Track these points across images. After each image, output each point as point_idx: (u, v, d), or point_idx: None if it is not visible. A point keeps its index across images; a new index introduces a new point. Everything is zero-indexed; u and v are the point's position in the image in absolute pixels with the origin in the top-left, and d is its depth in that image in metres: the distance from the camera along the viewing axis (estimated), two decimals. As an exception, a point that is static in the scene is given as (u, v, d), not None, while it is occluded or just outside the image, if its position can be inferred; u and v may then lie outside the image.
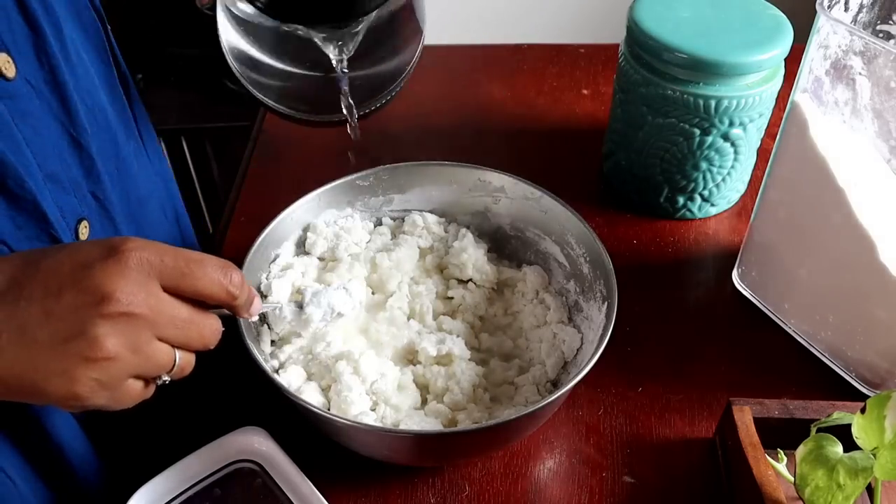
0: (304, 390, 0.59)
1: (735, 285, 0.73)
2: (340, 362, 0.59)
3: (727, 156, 0.74)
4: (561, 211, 0.65)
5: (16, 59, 0.49)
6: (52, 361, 0.41)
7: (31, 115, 0.50)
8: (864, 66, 0.56)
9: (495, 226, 0.71)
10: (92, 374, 0.42)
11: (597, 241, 0.62)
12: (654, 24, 0.71)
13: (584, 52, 1.02)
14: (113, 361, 0.42)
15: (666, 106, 0.72)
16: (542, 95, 0.95)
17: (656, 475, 0.60)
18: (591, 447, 0.62)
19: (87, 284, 0.42)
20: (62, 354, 0.41)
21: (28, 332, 0.41)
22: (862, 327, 0.63)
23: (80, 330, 0.41)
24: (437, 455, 0.59)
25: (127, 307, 0.42)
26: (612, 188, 0.83)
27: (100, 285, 0.42)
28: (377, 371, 0.59)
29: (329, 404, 0.59)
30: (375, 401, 0.59)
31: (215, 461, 0.54)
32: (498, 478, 0.60)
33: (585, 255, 0.63)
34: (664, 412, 0.64)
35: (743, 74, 0.69)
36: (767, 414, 0.58)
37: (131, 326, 0.43)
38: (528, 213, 0.68)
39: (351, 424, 0.54)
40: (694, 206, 0.79)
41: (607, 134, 0.83)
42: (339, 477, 0.59)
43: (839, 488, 0.49)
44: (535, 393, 0.61)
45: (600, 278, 0.61)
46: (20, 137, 0.49)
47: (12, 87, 0.49)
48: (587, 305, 0.63)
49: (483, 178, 0.68)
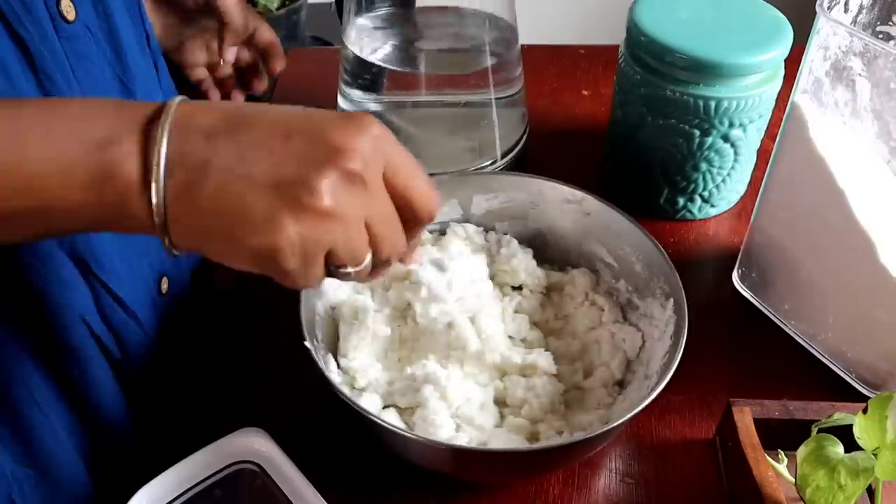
0: (385, 415, 0.58)
1: (735, 286, 0.73)
2: (426, 386, 0.58)
3: (727, 157, 0.74)
4: (607, 211, 0.65)
5: (76, 4, 0.51)
6: (263, 200, 0.38)
7: (86, 57, 0.52)
8: (864, 68, 0.56)
9: (534, 230, 0.70)
10: (299, 227, 0.39)
11: (650, 240, 0.62)
12: (654, 25, 0.71)
13: (584, 53, 1.02)
14: (323, 219, 0.39)
15: (666, 107, 0.72)
16: (542, 96, 0.95)
17: (656, 476, 0.60)
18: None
19: (321, 136, 0.39)
20: (275, 196, 0.38)
21: (244, 165, 0.38)
22: (862, 328, 0.63)
23: (302, 176, 0.38)
24: (524, 471, 0.58)
25: (359, 167, 0.39)
26: (612, 189, 0.83)
27: (336, 139, 0.39)
28: (463, 395, 0.58)
29: (412, 425, 0.57)
30: (459, 423, 0.58)
31: (215, 462, 0.54)
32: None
33: (638, 255, 0.63)
34: (664, 413, 0.64)
35: (743, 75, 0.69)
36: (768, 415, 0.58)
37: (352, 191, 0.40)
38: (568, 216, 0.68)
39: (444, 447, 0.54)
40: (694, 207, 0.79)
41: (607, 135, 0.83)
42: (339, 478, 0.59)
43: (840, 489, 0.49)
44: (606, 395, 0.61)
45: (658, 275, 0.61)
46: (73, 76, 0.51)
47: (72, 30, 0.50)
48: (644, 303, 0.63)
49: (520, 184, 0.68)
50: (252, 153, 0.39)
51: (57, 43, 0.49)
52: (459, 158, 0.77)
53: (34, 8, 0.47)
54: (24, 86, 0.47)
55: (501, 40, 0.77)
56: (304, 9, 1.56)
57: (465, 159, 0.77)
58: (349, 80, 0.78)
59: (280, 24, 1.52)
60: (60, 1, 0.49)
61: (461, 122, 0.78)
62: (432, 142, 0.79)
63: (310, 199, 0.38)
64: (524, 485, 0.59)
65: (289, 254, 0.39)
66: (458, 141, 0.78)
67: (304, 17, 1.57)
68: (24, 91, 0.47)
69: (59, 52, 0.49)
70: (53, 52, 0.49)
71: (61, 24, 0.50)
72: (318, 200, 0.39)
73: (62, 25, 0.50)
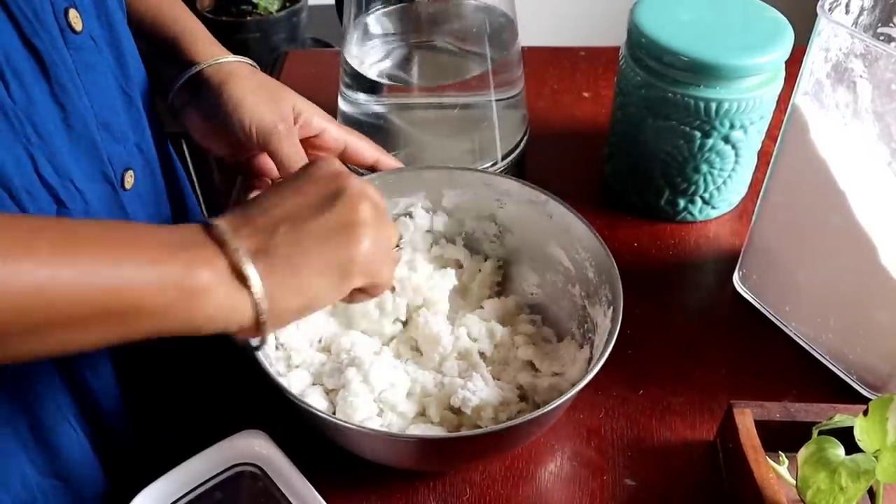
0: (309, 394, 0.59)
1: (736, 288, 0.73)
2: (350, 369, 0.60)
3: (728, 158, 0.74)
4: (566, 215, 0.65)
5: (83, 16, 0.52)
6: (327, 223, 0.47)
7: (92, 67, 0.53)
8: (865, 69, 0.56)
9: (501, 228, 0.70)
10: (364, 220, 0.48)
11: (602, 246, 0.62)
12: (654, 26, 0.71)
13: (584, 54, 1.02)
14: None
15: (666, 108, 0.72)
16: (543, 98, 0.95)
17: (657, 478, 0.60)
18: (592, 450, 0.62)
19: (318, 176, 0.49)
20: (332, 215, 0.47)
21: (293, 217, 0.47)
22: (863, 330, 0.62)
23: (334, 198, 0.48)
24: (439, 460, 0.59)
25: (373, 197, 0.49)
26: (612, 191, 0.83)
27: (328, 171, 0.49)
28: (387, 381, 0.60)
29: (334, 408, 0.59)
30: (382, 408, 0.59)
31: (216, 464, 0.54)
32: (499, 481, 0.60)
33: (591, 260, 0.63)
34: (665, 415, 0.64)
35: (744, 77, 0.69)
36: (768, 416, 0.57)
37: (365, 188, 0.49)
38: (533, 217, 0.68)
39: (356, 430, 0.54)
40: (695, 209, 0.79)
41: (608, 137, 0.83)
42: (340, 480, 0.59)
43: (841, 491, 0.49)
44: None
45: (605, 283, 0.61)
46: (81, 86, 0.52)
47: (79, 41, 0.51)
48: (593, 311, 0.63)
49: (489, 182, 0.68)
50: (291, 209, 0.47)
51: (66, 53, 0.50)
52: (460, 160, 0.77)
53: (45, 19, 0.48)
54: (37, 94, 0.48)
55: (502, 41, 0.77)
56: (304, 10, 1.56)
57: (465, 161, 0.77)
58: (350, 83, 0.78)
59: (280, 26, 1.52)
60: (69, 12, 0.50)
61: (461, 123, 0.78)
62: (433, 144, 0.79)
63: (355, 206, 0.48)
64: (525, 487, 0.59)
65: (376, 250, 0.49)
66: (459, 143, 0.79)
67: (304, 18, 1.57)
68: (38, 99, 0.48)
69: (69, 62, 0.50)
70: (64, 61, 0.49)
71: (70, 35, 0.50)
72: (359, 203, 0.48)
73: (70, 36, 0.50)
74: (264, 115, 0.61)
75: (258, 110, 0.61)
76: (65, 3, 0.50)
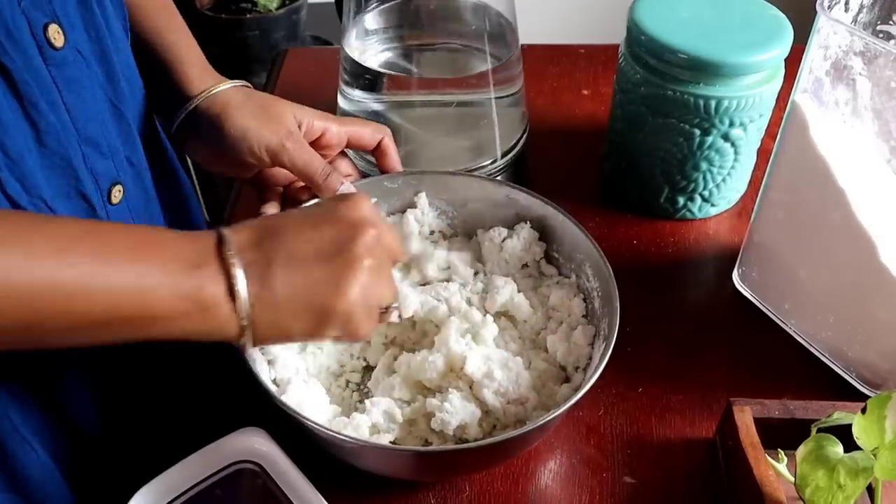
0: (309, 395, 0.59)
1: (735, 286, 0.73)
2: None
3: (727, 156, 0.74)
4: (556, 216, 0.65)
5: (66, 30, 0.51)
6: (324, 272, 0.48)
7: (77, 82, 0.53)
8: (865, 67, 0.56)
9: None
10: (357, 285, 0.48)
11: (596, 249, 0.62)
12: (654, 24, 0.71)
13: (584, 52, 1.02)
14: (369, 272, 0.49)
15: (666, 106, 0.72)
16: (542, 96, 0.95)
17: (657, 475, 0.60)
18: (592, 448, 0.62)
19: (339, 217, 0.50)
20: (331, 270, 0.48)
21: (297, 256, 0.48)
22: (862, 328, 0.63)
23: (343, 249, 0.49)
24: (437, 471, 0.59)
25: (372, 229, 0.50)
26: (612, 188, 0.83)
27: (350, 215, 0.50)
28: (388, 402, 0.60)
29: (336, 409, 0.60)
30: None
31: (216, 462, 0.54)
32: (499, 479, 0.60)
33: (586, 262, 0.64)
34: (664, 412, 0.64)
35: (743, 75, 0.69)
36: (768, 414, 0.58)
37: (376, 245, 0.50)
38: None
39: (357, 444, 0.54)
40: (694, 207, 0.79)
41: (607, 134, 0.83)
42: (339, 478, 0.59)
43: (840, 488, 0.49)
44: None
45: (602, 283, 0.61)
46: (60, 101, 0.51)
47: (60, 56, 0.51)
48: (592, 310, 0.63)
49: (512, 195, 0.68)
50: (298, 246, 0.48)
51: (44, 70, 0.49)
52: (459, 158, 0.77)
53: (19, 37, 0.47)
54: (7, 115, 0.47)
55: (501, 39, 0.77)
56: (304, 8, 1.56)
57: (464, 159, 0.77)
58: (349, 80, 0.78)
59: (280, 24, 1.52)
60: (48, 28, 0.49)
61: (461, 121, 0.78)
62: (432, 141, 0.79)
63: (356, 262, 0.49)
64: (525, 485, 0.59)
65: (359, 310, 0.49)
66: (458, 140, 0.79)
67: (304, 16, 1.57)
68: (8, 118, 0.47)
69: (45, 79, 0.50)
70: (39, 79, 0.49)
71: (48, 52, 0.50)
72: (361, 260, 0.49)
73: (49, 53, 0.50)
74: (270, 137, 0.62)
75: (263, 133, 0.62)
76: (45, 18, 0.49)
